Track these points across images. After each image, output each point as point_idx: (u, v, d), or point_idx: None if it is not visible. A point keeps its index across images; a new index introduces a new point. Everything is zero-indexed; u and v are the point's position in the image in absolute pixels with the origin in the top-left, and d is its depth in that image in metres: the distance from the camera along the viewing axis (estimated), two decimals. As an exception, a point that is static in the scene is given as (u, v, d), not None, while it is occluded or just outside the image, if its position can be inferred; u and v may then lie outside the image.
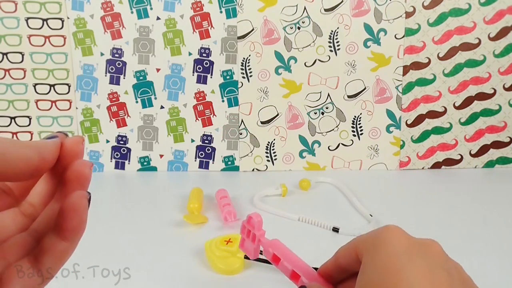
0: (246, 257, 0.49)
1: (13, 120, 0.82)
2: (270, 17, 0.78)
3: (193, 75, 0.81)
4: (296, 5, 0.78)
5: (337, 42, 0.79)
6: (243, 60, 0.80)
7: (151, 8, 0.78)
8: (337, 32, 0.78)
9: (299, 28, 0.78)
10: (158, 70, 0.81)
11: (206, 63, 0.80)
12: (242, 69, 0.80)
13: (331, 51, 0.79)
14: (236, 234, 0.52)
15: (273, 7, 0.78)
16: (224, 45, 0.79)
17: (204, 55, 0.80)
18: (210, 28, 0.79)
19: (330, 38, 0.79)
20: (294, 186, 0.74)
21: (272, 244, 0.38)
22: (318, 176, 0.78)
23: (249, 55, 0.79)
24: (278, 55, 0.79)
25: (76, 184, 0.24)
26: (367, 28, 0.78)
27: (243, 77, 0.80)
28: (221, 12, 0.78)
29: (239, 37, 0.79)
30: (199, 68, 0.80)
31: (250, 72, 0.80)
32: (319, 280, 0.34)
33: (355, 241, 0.32)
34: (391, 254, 0.28)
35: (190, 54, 0.80)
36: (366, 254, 0.29)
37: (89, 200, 0.23)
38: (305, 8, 0.78)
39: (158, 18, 0.79)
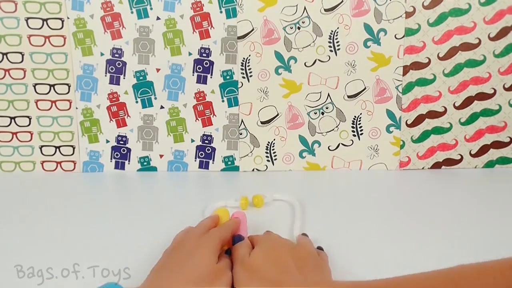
0: None
1: (13, 120, 0.82)
2: (270, 17, 0.78)
3: (193, 75, 0.81)
4: (296, 5, 0.78)
5: (337, 42, 0.79)
6: (243, 60, 0.80)
7: (151, 8, 0.78)
8: (337, 32, 0.78)
9: (299, 28, 0.78)
10: (158, 70, 0.81)
11: (206, 63, 0.80)
12: (242, 69, 0.80)
13: (331, 51, 0.79)
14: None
15: (273, 7, 0.78)
16: (224, 45, 0.79)
17: (204, 55, 0.80)
18: (210, 28, 0.79)
19: (330, 38, 0.79)
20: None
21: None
22: (318, 176, 0.77)
23: (249, 55, 0.79)
24: (278, 55, 0.79)
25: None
26: (367, 28, 0.78)
27: (243, 77, 0.80)
28: (221, 12, 0.78)
29: (239, 37, 0.79)
30: (199, 68, 0.80)
31: (250, 72, 0.80)
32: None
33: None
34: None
35: (190, 54, 0.80)
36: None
37: None
38: (305, 8, 0.78)
39: (158, 18, 0.79)
